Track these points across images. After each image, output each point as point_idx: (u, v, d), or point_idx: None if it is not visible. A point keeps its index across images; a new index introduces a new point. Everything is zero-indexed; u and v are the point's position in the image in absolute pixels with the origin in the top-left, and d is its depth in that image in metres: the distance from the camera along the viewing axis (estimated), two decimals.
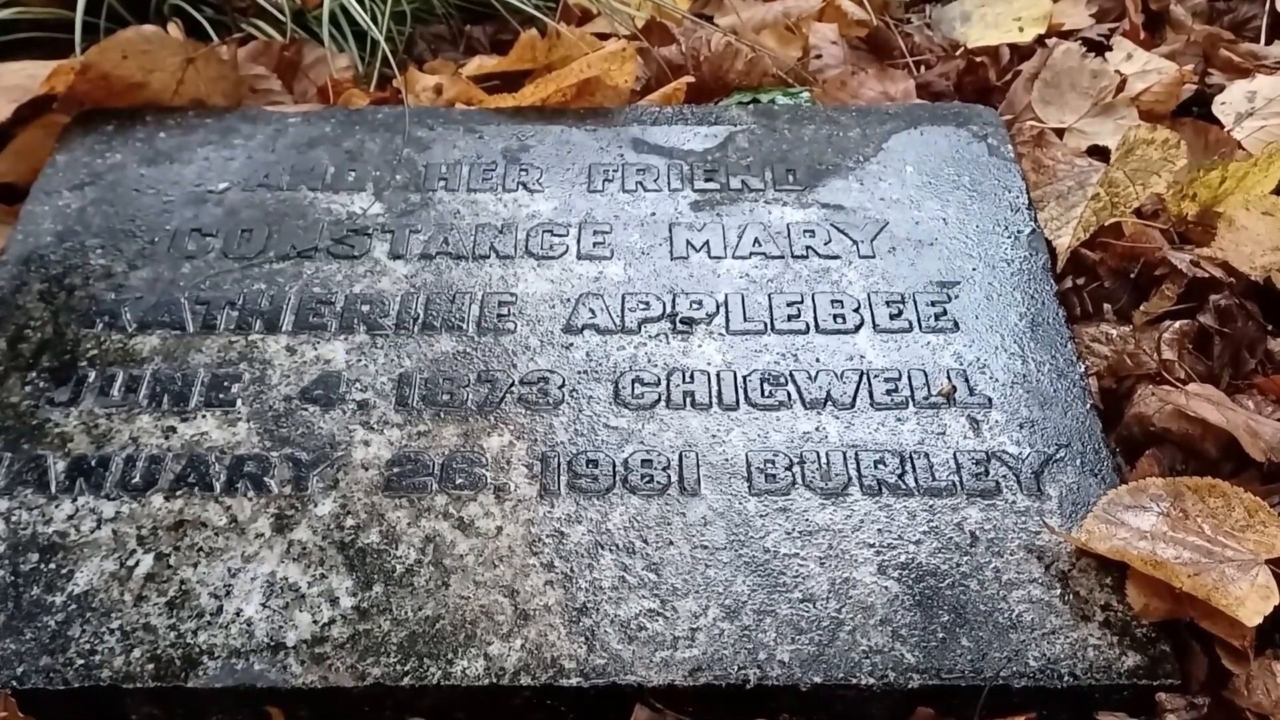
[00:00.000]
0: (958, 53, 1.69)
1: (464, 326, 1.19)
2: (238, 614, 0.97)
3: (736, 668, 0.94)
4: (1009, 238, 1.27)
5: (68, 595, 0.98)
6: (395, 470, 1.06)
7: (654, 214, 1.31)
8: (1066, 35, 1.69)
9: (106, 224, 1.29)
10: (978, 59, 1.65)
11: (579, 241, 1.28)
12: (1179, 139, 1.31)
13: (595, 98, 1.47)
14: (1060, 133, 1.50)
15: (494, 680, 0.93)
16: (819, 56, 1.67)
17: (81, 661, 0.94)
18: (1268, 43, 1.69)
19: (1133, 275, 1.29)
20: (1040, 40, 1.65)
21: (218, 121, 1.43)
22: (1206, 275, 1.22)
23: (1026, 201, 1.32)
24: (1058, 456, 1.07)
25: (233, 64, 1.52)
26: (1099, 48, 1.62)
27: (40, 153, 1.40)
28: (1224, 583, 0.95)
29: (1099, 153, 1.44)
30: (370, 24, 1.56)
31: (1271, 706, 0.91)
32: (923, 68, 1.69)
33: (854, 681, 0.93)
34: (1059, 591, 0.98)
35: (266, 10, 1.63)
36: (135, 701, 0.94)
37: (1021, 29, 1.67)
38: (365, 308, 1.20)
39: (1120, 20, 1.74)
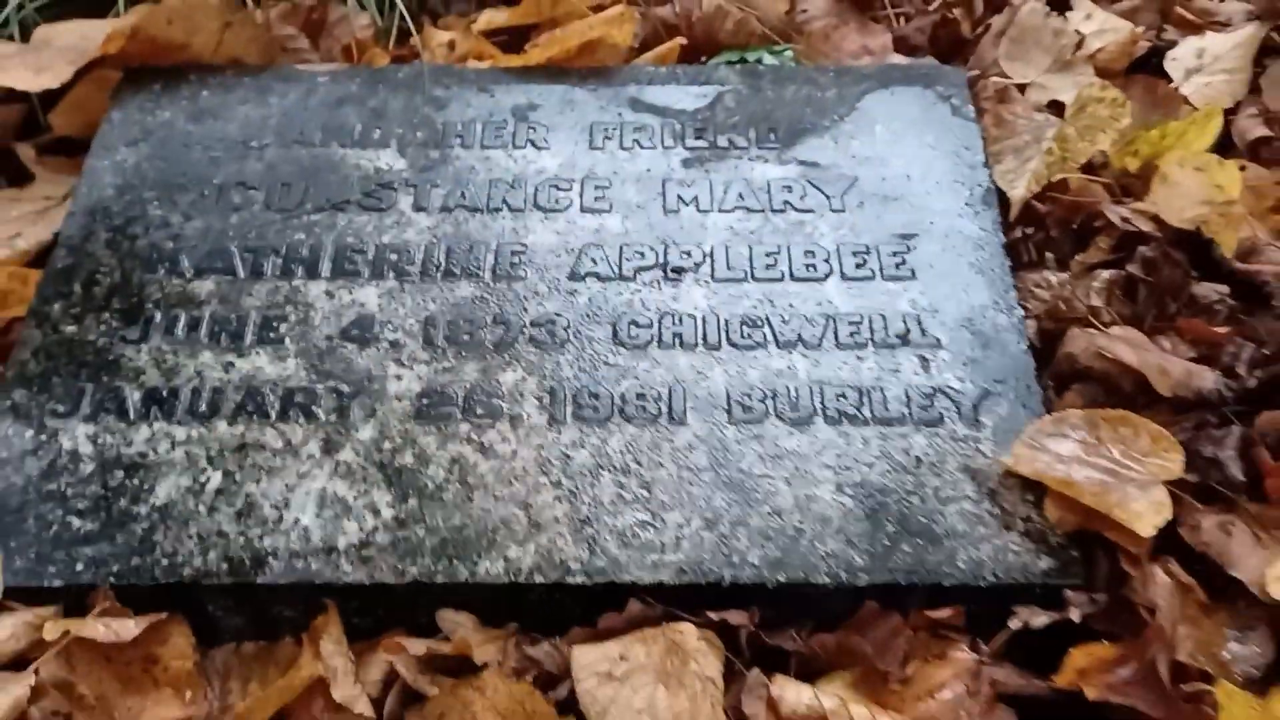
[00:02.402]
0: (932, 6, 1.74)
1: (481, 274, 1.28)
2: (296, 522, 1.09)
3: (714, 569, 1.05)
4: (966, 193, 1.36)
5: (150, 506, 1.10)
6: (424, 401, 1.17)
7: (649, 170, 1.39)
8: None
9: (160, 178, 1.38)
10: (951, 14, 1.70)
11: (582, 196, 1.36)
12: (1125, 98, 1.37)
13: (597, 56, 1.54)
14: (1023, 88, 1.55)
15: (512, 579, 1.05)
16: (805, 10, 1.73)
17: (166, 562, 1.07)
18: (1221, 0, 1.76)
19: (1075, 226, 1.36)
20: None
21: (254, 80, 1.50)
22: (1135, 229, 1.31)
23: (983, 160, 1.39)
24: (995, 391, 1.18)
25: (266, 25, 1.60)
26: (1062, 6, 1.67)
27: (92, 106, 1.48)
28: (1126, 500, 1.04)
29: (1057, 107, 1.49)
30: None
31: (1158, 601, 1.03)
32: (902, 20, 1.74)
33: (813, 580, 1.05)
34: (987, 506, 1.09)
35: None
36: (212, 595, 1.07)
37: None
38: (393, 256, 1.30)
39: None
